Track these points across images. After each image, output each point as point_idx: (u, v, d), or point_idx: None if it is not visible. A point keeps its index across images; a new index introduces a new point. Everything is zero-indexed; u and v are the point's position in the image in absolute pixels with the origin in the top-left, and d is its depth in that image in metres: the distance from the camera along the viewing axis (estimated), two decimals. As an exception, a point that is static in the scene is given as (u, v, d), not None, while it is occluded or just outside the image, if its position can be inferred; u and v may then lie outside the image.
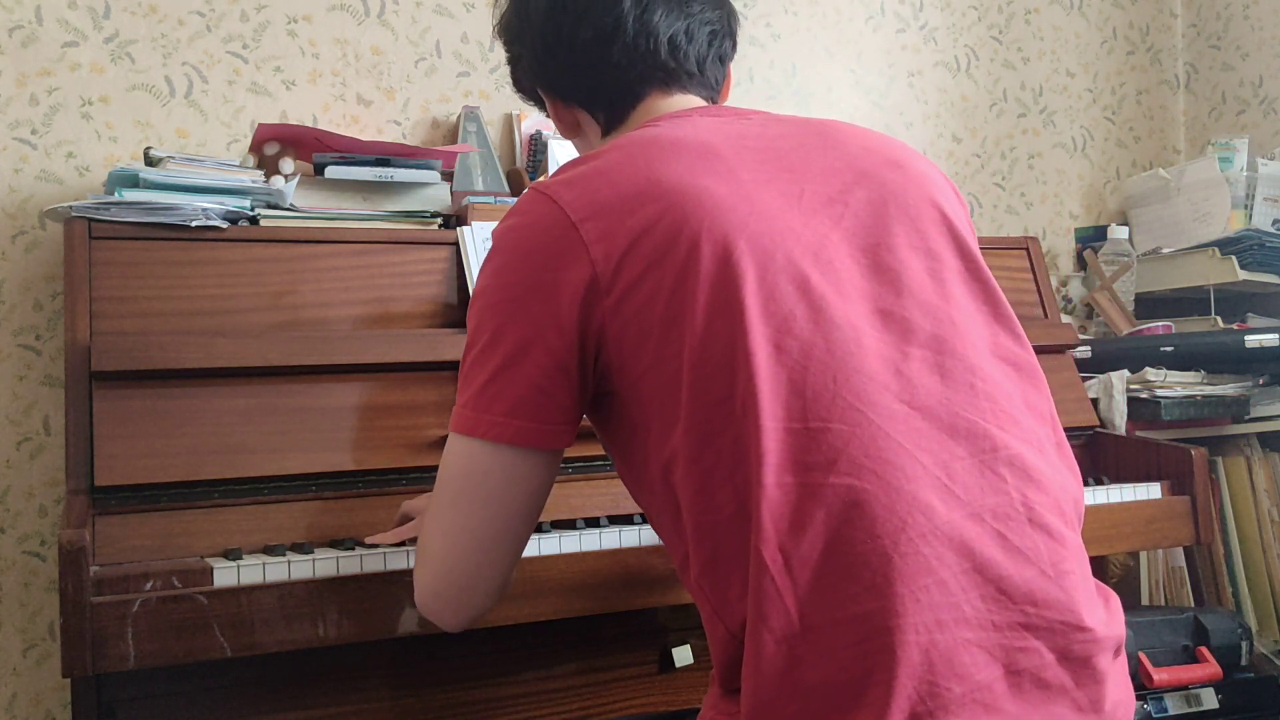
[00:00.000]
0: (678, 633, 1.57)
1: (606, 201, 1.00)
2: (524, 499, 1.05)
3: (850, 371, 0.96)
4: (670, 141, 1.05)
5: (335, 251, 1.61)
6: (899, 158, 1.11)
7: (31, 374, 1.77)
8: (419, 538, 1.11)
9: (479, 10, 2.13)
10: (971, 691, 0.91)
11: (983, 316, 1.06)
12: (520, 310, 1.01)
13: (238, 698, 1.37)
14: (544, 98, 1.24)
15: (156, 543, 1.36)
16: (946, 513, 0.94)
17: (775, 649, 0.92)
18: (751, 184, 1.02)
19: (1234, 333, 2.22)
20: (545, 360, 1.00)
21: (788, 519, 0.92)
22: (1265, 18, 2.78)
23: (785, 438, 0.94)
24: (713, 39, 1.20)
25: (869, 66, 2.54)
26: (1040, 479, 1.00)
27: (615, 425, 1.07)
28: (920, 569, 0.92)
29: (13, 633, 1.74)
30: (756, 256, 0.97)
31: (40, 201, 1.79)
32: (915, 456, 0.95)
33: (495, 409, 1.02)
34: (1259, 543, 2.23)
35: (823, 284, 0.99)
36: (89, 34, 1.84)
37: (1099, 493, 1.76)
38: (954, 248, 1.07)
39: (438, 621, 1.11)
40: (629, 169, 1.02)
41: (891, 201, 1.06)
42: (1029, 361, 1.07)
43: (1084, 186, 2.79)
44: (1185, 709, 1.77)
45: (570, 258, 0.99)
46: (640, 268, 0.98)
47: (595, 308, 0.99)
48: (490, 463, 1.03)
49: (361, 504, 1.47)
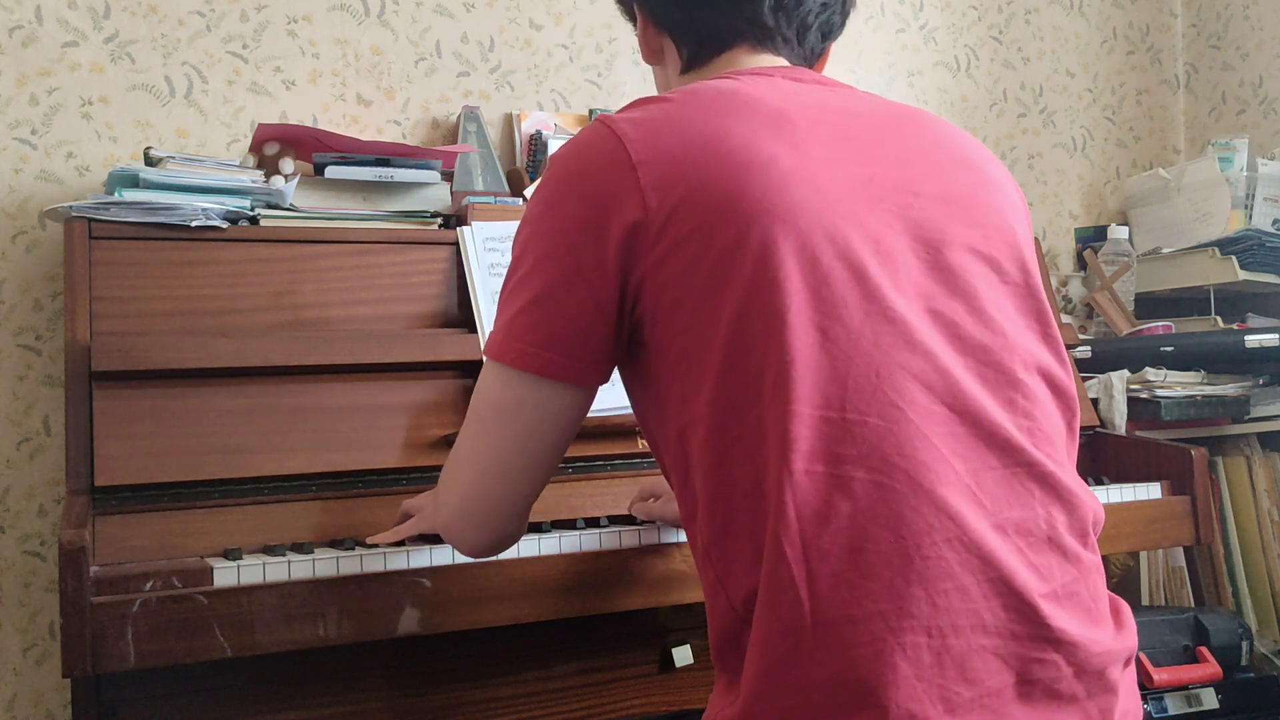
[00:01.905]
0: (678, 633, 1.57)
1: (669, 149, 0.97)
2: (553, 431, 1.05)
3: (894, 367, 0.94)
4: (746, 100, 1.01)
5: (335, 251, 1.61)
6: (974, 159, 1.08)
7: (31, 374, 1.77)
8: (447, 461, 1.12)
9: (479, 10, 2.13)
10: (980, 697, 0.91)
11: (1032, 334, 1.04)
12: (566, 244, 0.99)
13: (238, 698, 1.37)
14: (638, 14, 1.20)
15: (156, 543, 1.36)
16: (974, 521, 0.93)
17: (782, 640, 0.91)
18: (821, 160, 0.99)
19: (1234, 333, 2.22)
20: (585, 297, 0.99)
21: (813, 508, 0.91)
22: (1265, 18, 2.78)
23: (820, 425, 0.92)
24: (824, 9, 1.16)
25: (869, 66, 2.54)
26: (1069, 498, 0.99)
27: (640, 376, 1.05)
28: (941, 573, 0.91)
29: (13, 633, 1.74)
30: (814, 237, 0.95)
31: (40, 201, 1.79)
32: (948, 460, 0.94)
33: (529, 338, 1.01)
34: (1259, 543, 2.23)
35: (879, 274, 0.96)
36: (89, 34, 1.84)
37: (1099, 493, 1.75)
38: (1014, 260, 1.05)
39: (459, 543, 1.11)
40: (699, 120, 0.99)
41: (960, 202, 1.03)
42: (1068, 386, 1.06)
43: (1084, 186, 2.79)
44: (1185, 709, 1.77)
45: (624, 199, 0.97)
46: (691, 225, 0.95)
47: (640, 257, 0.97)
48: (522, 393, 1.02)
49: (362, 504, 1.47)
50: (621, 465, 1.61)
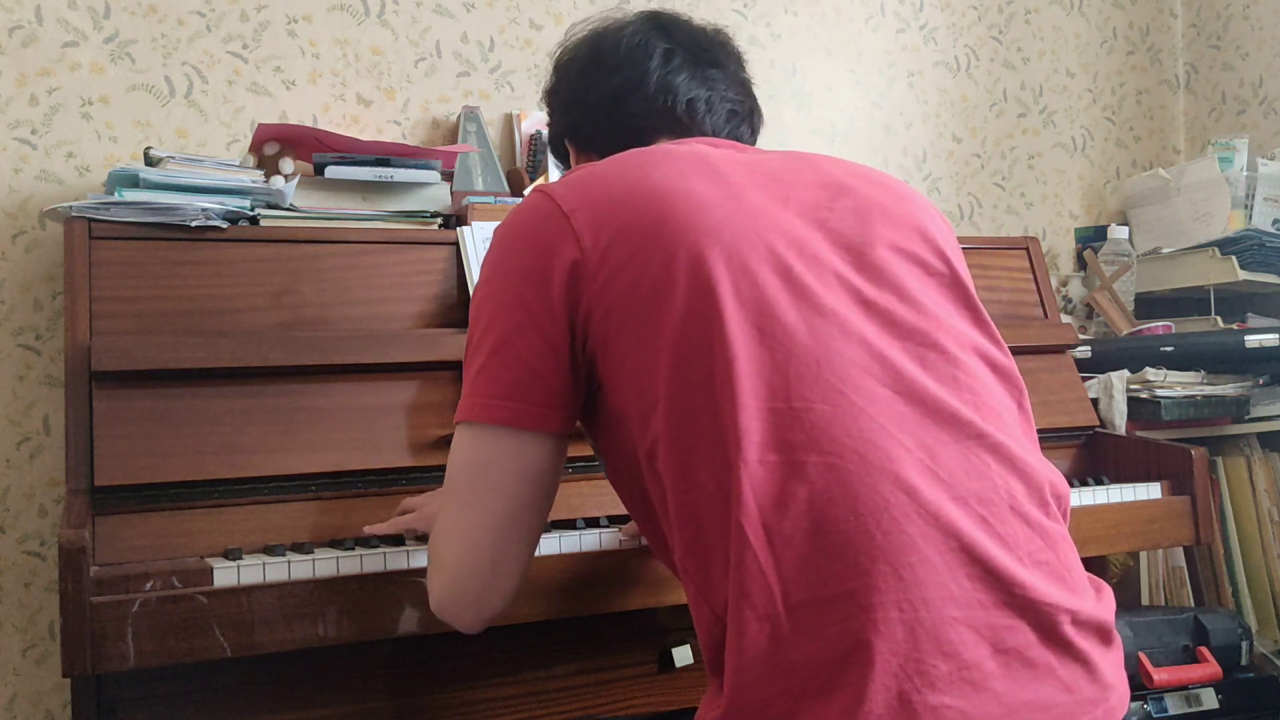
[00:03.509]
0: (678, 633, 1.57)
1: (597, 196, 1.05)
2: (531, 485, 1.06)
3: (833, 355, 0.98)
4: (664, 151, 1.11)
5: (335, 251, 1.61)
6: (884, 180, 1.15)
7: (31, 374, 1.77)
8: (430, 542, 1.11)
9: (479, 10, 2.13)
10: (959, 670, 0.91)
11: (962, 318, 1.09)
12: (513, 296, 1.04)
13: (238, 698, 1.37)
14: (568, 148, 1.30)
15: (156, 543, 1.36)
16: (931, 494, 0.95)
17: (758, 627, 0.92)
18: (739, 187, 1.06)
19: (1234, 333, 2.22)
20: (538, 342, 1.03)
21: (771, 496, 0.94)
22: (1265, 18, 2.78)
23: (767, 416, 0.95)
24: (731, 118, 1.25)
25: (869, 66, 2.54)
26: (1023, 468, 1.02)
27: (603, 420, 1.08)
28: (905, 546, 0.93)
29: (13, 633, 1.74)
30: (739, 245, 1.01)
31: (40, 201, 1.79)
32: (898, 438, 0.96)
33: (490, 391, 1.04)
34: (1259, 543, 2.23)
35: (806, 274, 1.01)
36: (89, 34, 1.84)
37: (1099, 493, 1.76)
38: (937, 255, 1.10)
39: (456, 624, 1.11)
40: (621, 172, 1.07)
41: (876, 210, 1.09)
42: (1009, 366, 1.10)
43: (1084, 186, 2.79)
44: (1185, 709, 1.77)
45: (560, 245, 1.03)
46: (625, 254, 1.01)
47: (582, 292, 1.02)
48: (493, 450, 1.05)
49: (361, 504, 1.47)
50: (621, 465, 1.61)
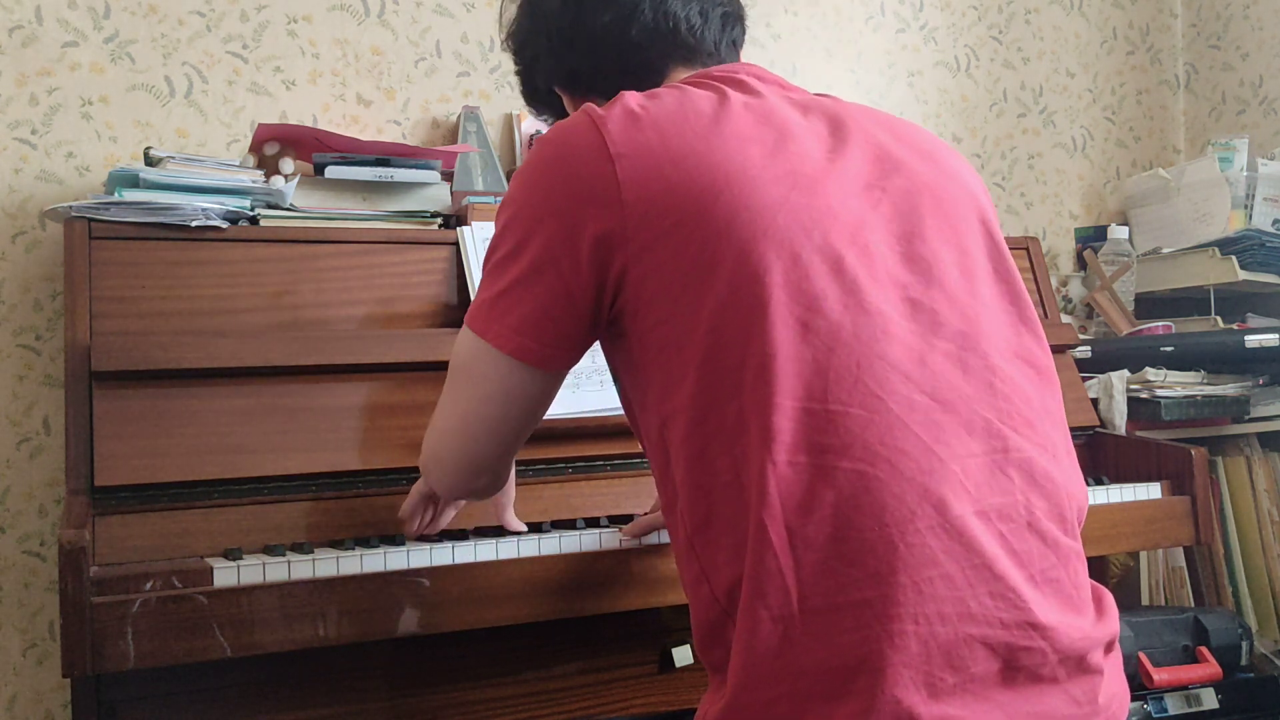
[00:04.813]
0: (678, 633, 1.57)
1: (650, 144, 1.00)
2: (516, 408, 1.10)
3: (874, 358, 0.96)
4: (723, 103, 1.05)
5: (335, 251, 1.61)
6: (928, 148, 1.12)
7: (31, 374, 1.77)
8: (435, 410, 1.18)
9: (479, 10, 2.13)
10: (964, 683, 0.92)
11: (1008, 317, 1.06)
12: (542, 230, 1.03)
13: (238, 698, 1.37)
14: (562, 95, 1.25)
15: (156, 543, 1.36)
16: (958, 508, 0.94)
17: (771, 628, 0.92)
18: (796, 157, 1.02)
19: (1234, 333, 2.22)
20: (556, 285, 1.02)
21: (797, 498, 0.93)
22: (1265, 18, 2.78)
23: (802, 417, 0.94)
24: (725, 21, 1.21)
25: (869, 66, 2.54)
26: (1047, 484, 1.00)
27: (624, 362, 1.08)
28: (926, 560, 0.92)
29: (13, 633, 1.74)
30: (793, 232, 0.97)
31: (40, 201, 1.79)
32: (931, 449, 0.95)
33: (505, 320, 1.05)
34: (1259, 543, 2.23)
35: (856, 266, 0.99)
36: (89, 34, 1.84)
37: (1099, 493, 1.75)
38: (986, 246, 1.08)
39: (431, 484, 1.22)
40: (679, 121, 1.02)
41: (926, 193, 1.06)
42: (1048, 366, 1.08)
43: (1084, 186, 2.79)
44: (1185, 709, 1.77)
45: (600, 191, 0.99)
46: (670, 220, 0.98)
47: (617, 250, 1.00)
48: (490, 367, 1.07)
49: (361, 504, 1.47)
50: (621, 465, 1.61)
